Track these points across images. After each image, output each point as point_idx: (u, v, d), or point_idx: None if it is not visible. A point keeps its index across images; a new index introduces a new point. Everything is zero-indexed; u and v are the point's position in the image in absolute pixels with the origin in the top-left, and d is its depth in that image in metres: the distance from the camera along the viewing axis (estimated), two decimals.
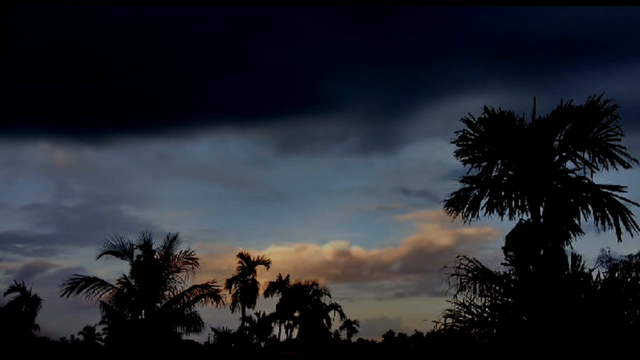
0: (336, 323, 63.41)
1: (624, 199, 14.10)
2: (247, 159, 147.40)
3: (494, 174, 15.40)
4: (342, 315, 60.62)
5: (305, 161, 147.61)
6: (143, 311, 24.35)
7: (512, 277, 14.34)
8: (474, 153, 15.53)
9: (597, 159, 14.48)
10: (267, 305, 64.53)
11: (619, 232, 13.96)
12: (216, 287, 25.87)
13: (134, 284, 24.29)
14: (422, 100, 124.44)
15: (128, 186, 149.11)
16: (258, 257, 54.92)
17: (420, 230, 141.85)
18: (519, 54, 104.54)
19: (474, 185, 15.36)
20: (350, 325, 72.10)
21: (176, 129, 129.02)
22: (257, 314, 61.87)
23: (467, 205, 15.22)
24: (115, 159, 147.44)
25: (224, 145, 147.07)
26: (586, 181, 14.59)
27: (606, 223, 14.08)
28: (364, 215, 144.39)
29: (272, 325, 62.10)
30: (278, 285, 58.23)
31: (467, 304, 13.89)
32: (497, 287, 14.28)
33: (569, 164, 14.96)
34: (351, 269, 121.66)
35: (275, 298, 58.66)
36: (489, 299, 14.15)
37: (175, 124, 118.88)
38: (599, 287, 13.55)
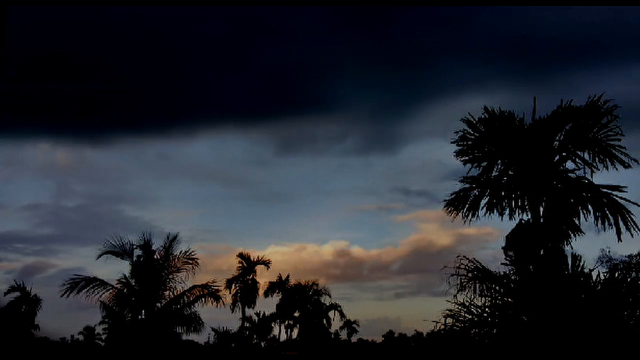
0: (336, 323, 63.58)
1: (624, 199, 14.11)
2: (247, 159, 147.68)
3: (494, 174, 15.40)
4: (342, 315, 60.71)
5: (305, 161, 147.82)
6: (143, 311, 24.34)
7: (512, 277, 14.34)
8: (474, 153, 15.53)
9: (597, 159, 14.48)
10: (267, 305, 64.64)
11: (619, 232, 13.96)
12: (216, 287, 25.92)
13: (134, 284, 24.29)
14: (422, 100, 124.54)
15: (128, 186, 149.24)
16: (258, 257, 55.02)
17: (420, 231, 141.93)
18: (519, 54, 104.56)
19: (474, 185, 15.36)
20: (350, 325, 72.15)
21: (176, 128, 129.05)
22: (257, 314, 61.96)
23: (467, 205, 15.22)
24: (115, 159, 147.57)
25: (224, 145, 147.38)
26: (586, 181, 14.58)
27: (606, 223, 14.07)
28: (363, 216, 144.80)
29: (272, 325, 62.15)
30: (278, 285, 58.23)
31: (467, 304, 13.90)
32: (497, 287, 14.28)
33: (569, 164, 14.97)
34: (351, 269, 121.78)
35: (275, 298, 58.77)
36: (489, 299, 14.15)
37: (175, 124, 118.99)
38: (599, 287, 13.55)
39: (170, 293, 24.57)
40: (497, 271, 14.39)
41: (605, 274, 13.93)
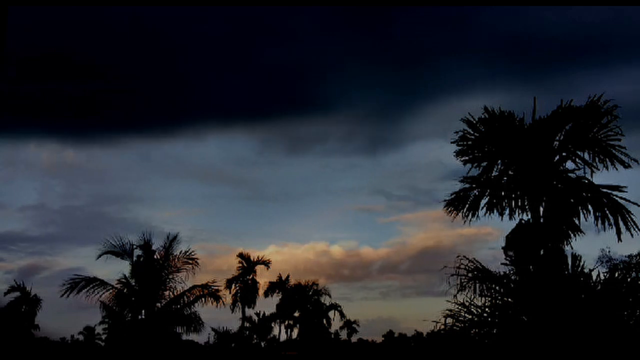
0: (336, 323, 63.59)
1: (624, 199, 14.10)
2: (246, 158, 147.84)
3: (494, 174, 15.40)
4: (342, 315, 60.74)
5: (305, 161, 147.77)
6: (143, 311, 24.35)
7: (512, 277, 14.34)
8: (474, 153, 15.54)
9: (597, 159, 14.48)
10: (267, 305, 64.69)
11: (619, 232, 13.96)
12: (216, 287, 25.92)
13: (134, 284, 24.30)
14: (422, 100, 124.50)
15: (127, 186, 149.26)
16: (258, 257, 55.05)
17: (423, 230, 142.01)
18: (519, 54, 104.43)
19: (474, 185, 15.36)
20: (350, 325, 72.16)
21: (176, 128, 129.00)
22: (257, 314, 61.98)
23: (467, 205, 15.22)
24: (115, 159, 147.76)
25: (224, 145, 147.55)
26: (586, 181, 14.58)
27: (606, 223, 14.07)
28: (364, 216, 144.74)
29: (272, 325, 62.17)
30: (278, 285, 58.25)
31: (467, 304, 13.90)
32: (497, 287, 14.28)
33: (569, 164, 14.97)
34: (351, 269, 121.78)
35: (275, 298, 58.80)
36: (489, 299, 14.15)
37: (175, 124, 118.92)
38: (599, 287, 13.55)
39: (170, 293, 24.60)
40: (497, 271, 14.41)
41: (605, 274, 13.93)
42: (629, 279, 13.89)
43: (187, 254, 24.87)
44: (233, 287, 53.34)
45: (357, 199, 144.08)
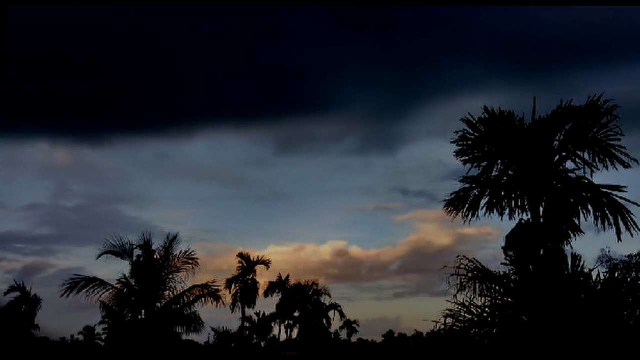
0: (336, 323, 63.58)
1: (624, 199, 14.11)
2: (246, 158, 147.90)
3: (494, 174, 15.40)
4: (342, 315, 60.73)
5: (305, 161, 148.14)
6: (143, 311, 24.35)
7: (512, 277, 14.34)
8: (474, 153, 15.54)
9: (597, 159, 14.48)
10: (267, 305, 64.66)
11: (619, 232, 13.96)
12: (216, 287, 25.93)
13: (134, 284, 24.30)
14: (422, 100, 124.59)
15: (128, 186, 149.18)
16: (258, 257, 55.05)
17: (420, 231, 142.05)
18: (519, 54, 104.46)
19: (474, 185, 15.36)
20: (350, 325, 72.17)
21: (176, 128, 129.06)
22: (257, 314, 61.98)
23: (467, 205, 15.22)
24: (114, 158, 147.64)
25: (224, 145, 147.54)
26: (586, 181, 14.59)
27: (606, 223, 14.08)
28: (363, 216, 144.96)
29: (272, 325, 62.17)
30: (278, 285, 58.25)
31: (467, 304, 13.90)
32: (497, 287, 14.28)
33: (569, 164, 14.98)
34: (351, 269, 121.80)
35: (275, 298, 58.80)
36: (489, 299, 14.15)
37: (175, 123, 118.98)
38: (599, 287, 13.56)
39: (170, 293, 24.60)
40: (497, 271, 14.41)
41: (605, 274, 13.94)
42: (629, 279, 13.90)
43: (187, 254, 24.89)
44: (233, 287, 53.38)
45: (357, 198, 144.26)
